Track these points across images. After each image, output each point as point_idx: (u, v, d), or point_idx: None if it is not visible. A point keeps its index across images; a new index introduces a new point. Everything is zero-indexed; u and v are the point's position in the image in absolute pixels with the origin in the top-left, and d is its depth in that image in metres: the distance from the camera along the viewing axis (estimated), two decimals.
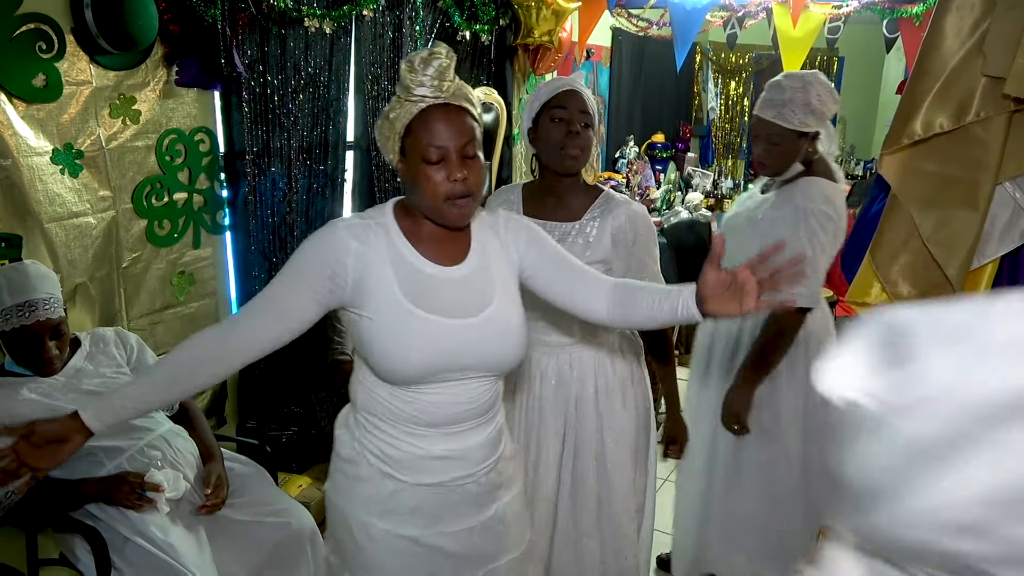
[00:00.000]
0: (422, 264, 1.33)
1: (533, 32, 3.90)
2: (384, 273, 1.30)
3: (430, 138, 1.24)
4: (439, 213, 1.29)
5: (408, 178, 1.30)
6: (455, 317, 1.31)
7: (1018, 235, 1.52)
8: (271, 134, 2.78)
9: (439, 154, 1.25)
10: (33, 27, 2.02)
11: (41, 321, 1.89)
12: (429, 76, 1.22)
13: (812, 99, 1.98)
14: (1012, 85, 1.38)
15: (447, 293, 1.33)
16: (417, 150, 1.25)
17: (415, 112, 1.25)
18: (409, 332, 1.28)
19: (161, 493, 1.86)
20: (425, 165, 1.25)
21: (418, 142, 1.25)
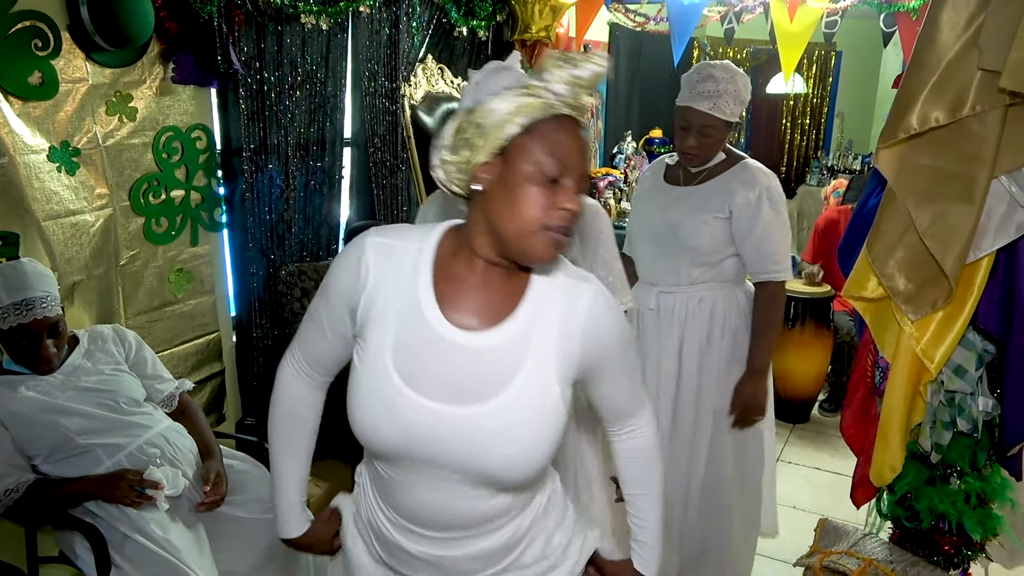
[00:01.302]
0: (435, 320, 1.05)
1: (530, 28, 3.90)
2: (386, 316, 1.07)
3: (556, 149, 1.00)
4: (524, 244, 1.02)
5: (494, 190, 1.02)
6: (450, 403, 1.04)
7: (1014, 229, 1.52)
8: (268, 131, 2.78)
9: (558, 171, 1.00)
10: (29, 24, 2.01)
11: (39, 319, 1.89)
12: (584, 77, 1.00)
13: (741, 89, 2.06)
14: (1007, 79, 1.38)
15: (454, 366, 1.05)
16: (529, 158, 0.99)
17: (549, 113, 1.00)
18: (382, 401, 1.05)
19: (160, 490, 1.86)
20: (532, 180, 0.99)
21: (536, 149, 0.99)
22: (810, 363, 4.05)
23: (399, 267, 1.08)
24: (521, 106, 1.00)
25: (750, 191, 2.07)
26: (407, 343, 1.06)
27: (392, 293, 1.07)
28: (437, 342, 1.05)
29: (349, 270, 1.09)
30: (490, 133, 1.00)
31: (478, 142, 1.01)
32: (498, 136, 1.00)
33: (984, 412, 1.70)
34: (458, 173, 1.05)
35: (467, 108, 1.04)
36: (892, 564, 1.81)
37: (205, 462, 2.06)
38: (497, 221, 1.02)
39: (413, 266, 1.08)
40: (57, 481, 1.86)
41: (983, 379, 1.71)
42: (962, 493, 1.79)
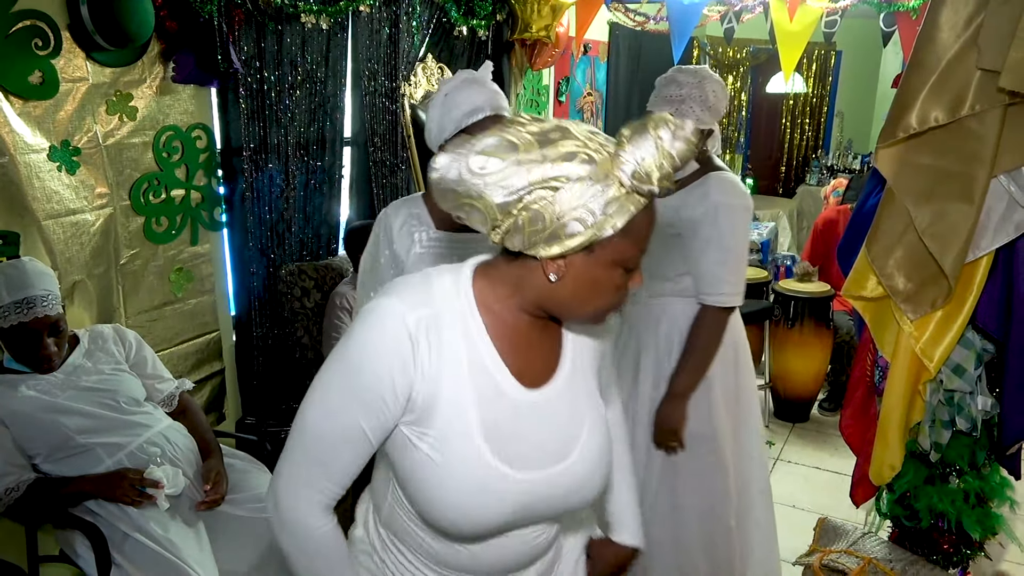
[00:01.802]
0: (511, 387, 0.98)
1: (530, 27, 3.90)
2: (461, 396, 0.96)
3: (642, 240, 0.92)
4: (586, 320, 1.01)
5: (573, 276, 0.92)
6: (538, 468, 1.00)
7: (1013, 228, 1.52)
8: (268, 130, 2.78)
9: (640, 260, 0.94)
10: (29, 24, 2.01)
11: (39, 318, 1.89)
12: (668, 167, 0.87)
13: (708, 95, 1.92)
14: (1006, 79, 1.38)
15: (536, 430, 1.00)
16: (619, 254, 0.91)
17: (640, 210, 0.88)
18: (481, 488, 0.96)
19: (160, 489, 1.86)
20: (615, 275, 0.93)
21: (628, 246, 0.91)
22: (810, 362, 4.06)
23: (452, 336, 0.96)
24: (609, 200, 0.86)
25: (698, 207, 1.93)
26: (493, 420, 0.97)
27: (458, 369, 0.95)
28: (519, 409, 0.99)
29: (396, 355, 0.93)
30: (582, 236, 0.87)
31: (562, 237, 0.87)
32: (591, 237, 0.87)
33: (983, 411, 1.70)
34: (514, 242, 0.90)
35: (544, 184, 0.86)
36: (891, 563, 1.81)
37: (205, 461, 2.06)
38: (554, 305, 0.96)
39: (465, 332, 0.96)
40: (58, 480, 1.86)
41: (982, 378, 1.71)
42: (961, 492, 1.79)
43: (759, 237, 5.41)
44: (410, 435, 0.97)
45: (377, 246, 1.75)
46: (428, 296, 0.97)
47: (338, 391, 0.97)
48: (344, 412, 0.96)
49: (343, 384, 0.96)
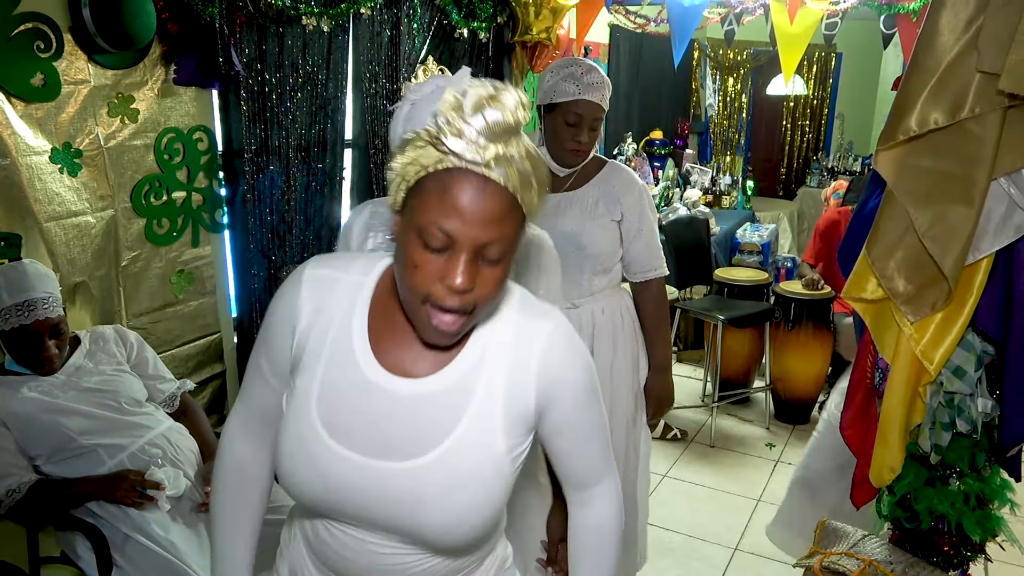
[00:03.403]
0: (367, 364, 0.96)
1: (531, 29, 3.90)
2: (317, 358, 0.97)
3: (439, 215, 0.84)
4: (412, 312, 0.92)
5: (398, 242, 0.92)
6: (378, 457, 0.94)
7: (1013, 230, 1.52)
8: (269, 132, 2.79)
9: (442, 242, 0.85)
10: (31, 26, 2.02)
11: (40, 320, 1.90)
12: (474, 128, 0.82)
13: (608, 81, 2.05)
14: (1006, 81, 1.38)
15: (384, 416, 0.95)
16: (416, 219, 0.86)
17: (436, 167, 0.85)
18: (304, 451, 0.95)
19: (162, 491, 1.87)
20: (415, 245, 0.87)
21: (422, 210, 0.86)
22: (810, 364, 4.06)
23: (336, 302, 0.97)
24: (412, 159, 0.86)
25: (633, 192, 2.10)
26: (335, 388, 0.95)
27: (325, 331, 0.96)
28: (368, 389, 0.95)
29: (285, 305, 0.99)
30: (394, 184, 0.90)
31: (391, 183, 0.91)
32: (397, 187, 0.89)
33: (983, 413, 1.70)
34: None
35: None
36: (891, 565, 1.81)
37: (206, 462, 2.07)
38: (397, 279, 0.92)
39: (350, 302, 0.97)
40: (59, 481, 1.86)
41: (982, 380, 1.71)
42: (961, 494, 1.79)
43: (759, 239, 5.41)
44: (285, 392, 1.02)
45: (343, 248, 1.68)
46: (344, 264, 1.02)
47: (256, 344, 1.07)
48: (256, 347, 1.06)
49: (258, 337, 1.07)
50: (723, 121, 7.38)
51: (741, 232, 5.52)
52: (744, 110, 7.49)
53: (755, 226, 5.68)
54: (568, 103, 2.01)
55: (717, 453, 3.87)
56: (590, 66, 2.02)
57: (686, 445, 3.92)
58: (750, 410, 4.38)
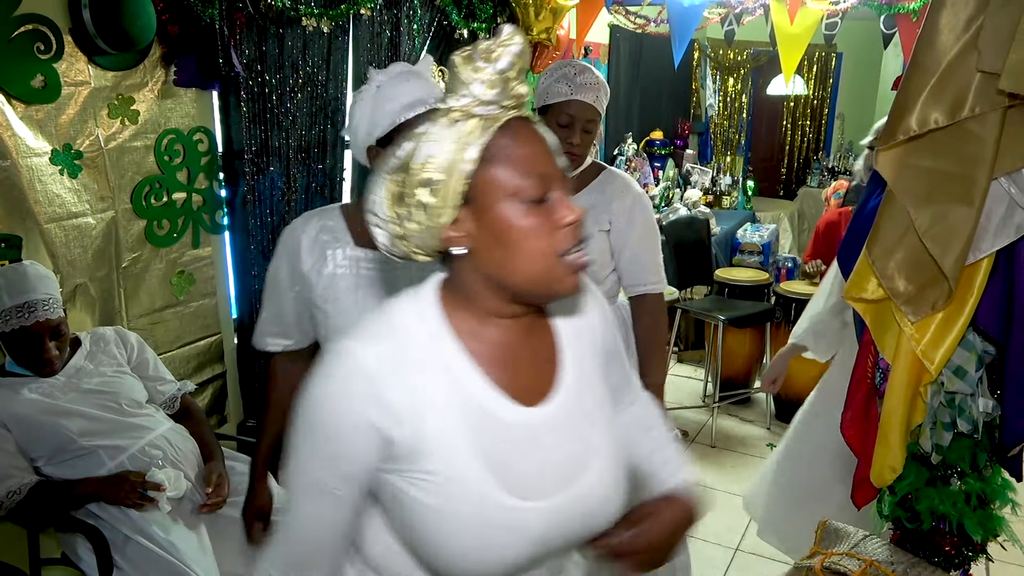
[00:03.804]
0: (498, 405, 0.87)
1: (531, 30, 3.90)
2: (448, 427, 0.84)
3: (530, 164, 0.82)
4: (546, 286, 0.85)
5: (481, 245, 0.84)
6: (552, 494, 0.87)
7: (1013, 230, 1.52)
8: (269, 133, 2.79)
9: (540, 188, 0.82)
10: (31, 28, 2.02)
11: (40, 322, 1.90)
12: (505, 68, 0.80)
13: (606, 85, 1.97)
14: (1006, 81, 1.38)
15: (536, 452, 0.88)
16: (502, 190, 0.81)
17: (493, 129, 0.81)
18: (496, 527, 0.84)
19: (162, 492, 1.87)
20: (518, 214, 0.81)
21: (509, 172, 0.81)
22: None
23: (425, 366, 0.85)
24: (461, 136, 0.80)
25: (625, 198, 1.98)
26: (490, 449, 0.85)
27: (440, 401, 0.84)
28: (518, 432, 0.87)
29: (359, 402, 0.83)
30: (443, 186, 0.80)
31: (433, 201, 0.81)
32: (455, 184, 0.81)
33: (984, 413, 1.70)
34: (422, 242, 0.85)
35: (396, 167, 0.83)
36: (893, 565, 1.81)
37: (207, 464, 2.07)
38: (503, 276, 0.84)
39: (440, 358, 0.85)
40: (60, 483, 1.86)
41: (983, 380, 1.71)
42: (963, 494, 1.79)
43: (760, 239, 5.41)
44: (399, 483, 0.85)
45: (278, 265, 1.53)
46: (388, 327, 0.87)
47: (307, 462, 0.87)
48: (319, 486, 0.86)
49: (311, 453, 0.86)
50: (723, 121, 7.38)
51: (741, 232, 5.52)
52: (744, 110, 7.49)
53: (755, 226, 5.68)
54: (560, 104, 1.95)
55: (718, 453, 3.87)
56: (584, 67, 1.97)
57: (687, 446, 3.92)
58: (751, 410, 4.38)
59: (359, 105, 1.42)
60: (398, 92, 1.39)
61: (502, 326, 0.89)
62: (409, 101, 1.38)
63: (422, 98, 1.38)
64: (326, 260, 1.43)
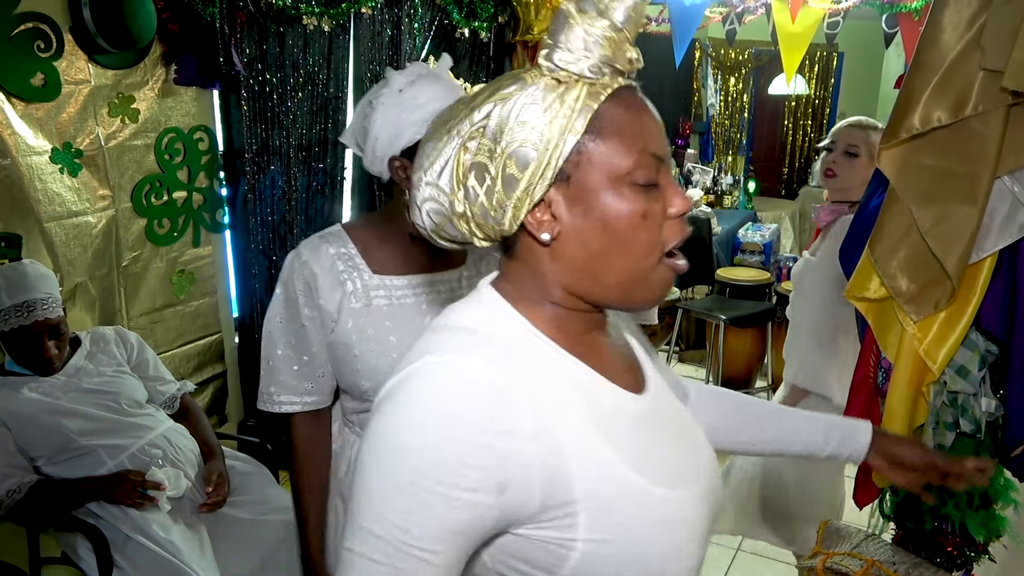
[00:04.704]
0: (621, 397, 0.76)
1: (532, 29, 3.89)
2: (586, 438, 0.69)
3: (643, 140, 0.69)
4: (645, 286, 0.73)
5: (571, 233, 0.71)
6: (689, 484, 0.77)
7: (1016, 229, 1.51)
8: (270, 132, 2.78)
9: (653, 170, 0.70)
10: (31, 26, 2.02)
11: (40, 321, 1.89)
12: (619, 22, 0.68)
13: None
14: (1010, 79, 1.37)
15: (661, 443, 0.78)
16: (609, 167, 0.68)
17: (604, 95, 0.68)
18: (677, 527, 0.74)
19: (162, 491, 1.86)
20: (625, 198, 0.69)
21: (613, 151, 0.68)
22: None
23: (538, 371, 0.70)
24: (566, 102, 0.67)
25: None
26: (630, 446, 0.72)
27: (566, 409, 0.70)
28: (647, 424, 0.77)
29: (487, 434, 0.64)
30: (536, 159, 0.67)
31: (520, 176, 0.67)
32: (551, 159, 0.67)
33: (987, 413, 1.69)
34: (489, 224, 0.71)
35: (473, 131, 0.69)
36: (895, 565, 1.80)
37: (207, 463, 2.06)
38: (593, 271, 0.71)
39: (543, 359, 0.72)
40: (59, 482, 1.86)
41: (986, 380, 1.70)
42: (965, 494, 1.78)
43: (761, 239, 5.40)
44: (553, 534, 0.67)
45: (293, 307, 1.27)
46: (472, 337, 0.71)
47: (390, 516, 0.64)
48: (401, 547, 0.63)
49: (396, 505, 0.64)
50: (724, 121, 7.37)
51: (743, 232, 5.51)
52: (746, 110, 7.48)
53: (757, 226, 5.67)
54: None
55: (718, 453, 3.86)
56: None
57: None
58: None
59: (380, 111, 1.22)
60: (425, 98, 1.20)
61: (578, 319, 0.76)
62: (439, 107, 1.19)
63: None
64: (347, 294, 1.24)
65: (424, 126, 1.17)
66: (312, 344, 1.27)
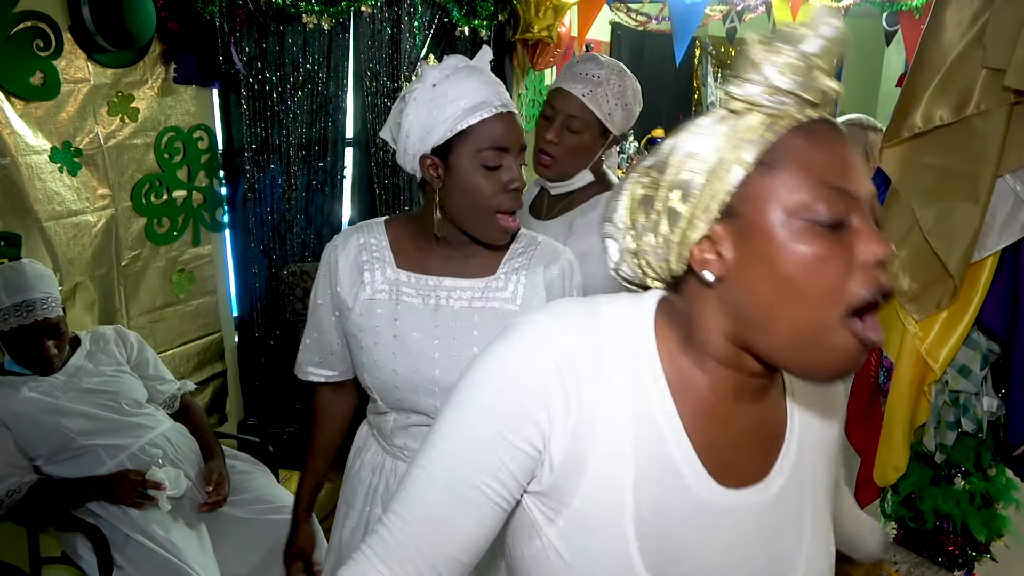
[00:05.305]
0: (690, 470, 0.67)
1: (532, 27, 3.89)
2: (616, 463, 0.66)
3: (823, 174, 0.61)
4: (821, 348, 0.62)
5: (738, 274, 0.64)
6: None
7: (1019, 228, 1.51)
8: (270, 131, 2.78)
9: (840, 210, 0.61)
10: (30, 25, 2.01)
11: (39, 321, 1.89)
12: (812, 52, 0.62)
13: (627, 91, 1.63)
14: (1012, 77, 1.37)
15: (717, 546, 0.68)
16: (783, 208, 0.61)
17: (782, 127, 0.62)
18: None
19: (163, 491, 1.86)
20: (802, 241, 0.60)
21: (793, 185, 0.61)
22: None
23: (617, 380, 0.67)
24: (737, 131, 0.62)
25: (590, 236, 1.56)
26: (656, 517, 0.65)
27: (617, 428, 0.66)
28: (702, 514, 0.67)
29: (532, 386, 0.66)
30: (702, 191, 0.63)
31: (684, 209, 0.63)
32: (717, 191, 0.62)
33: (989, 412, 1.69)
34: (658, 262, 0.68)
35: (649, 165, 0.68)
36: (896, 564, 1.80)
37: (207, 462, 2.06)
38: (758, 319, 0.63)
39: (636, 381, 0.67)
40: (60, 482, 1.86)
41: (988, 379, 1.70)
42: (966, 493, 1.78)
43: None
44: (536, 513, 0.68)
45: (316, 287, 1.33)
46: (592, 322, 0.69)
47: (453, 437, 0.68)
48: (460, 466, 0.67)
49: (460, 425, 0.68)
50: None
51: None
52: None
53: None
54: (550, 92, 1.66)
55: None
56: (590, 56, 1.67)
57: None
58: None
59: (412, 107, 1.17)
60: (459, 92, 1.15)
61: (724, 379, 0.68)
62: (472, 104, 1.14)
63: (486, 100, 1.15)
64: (364, 283, 1.24)
65: (455, 123, 1.13)
66: (322, 323, 1.31)
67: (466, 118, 1.14)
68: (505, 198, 1.16)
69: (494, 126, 1.14)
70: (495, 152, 1.14)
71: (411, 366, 1.19)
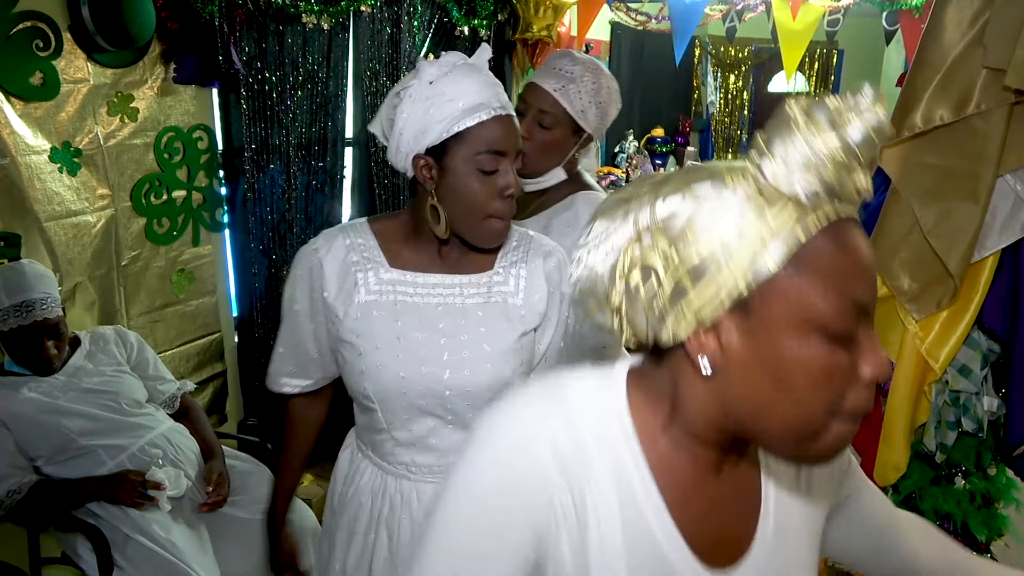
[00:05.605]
0: (680, 558, 0.67)
1: (532, 27, 3.89)
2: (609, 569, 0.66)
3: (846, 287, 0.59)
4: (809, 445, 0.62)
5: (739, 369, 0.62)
6: None
7: (1019, 227, 1.51)
8: (270, 131, 2.78)
9: (855, 322, 0.60)
10: (30, 25, 2.01)
11: (39, 321, 1.89)
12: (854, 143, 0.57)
13: (602, 90, 1.61)
14: (1012, 77, 1.37)
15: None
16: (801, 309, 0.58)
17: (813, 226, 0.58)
18: None
19: (163, 491, 1.86)
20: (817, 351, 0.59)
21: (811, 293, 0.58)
22: None
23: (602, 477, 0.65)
24: (767, 222, 0.58)
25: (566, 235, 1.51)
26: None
27: (607, 531, 0.65)
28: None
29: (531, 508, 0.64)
30: (716, 279, 0.59)
31: (692, 294, 0.59)
32: (735, 284, 0.58)
33: (989, 412, 1.69)
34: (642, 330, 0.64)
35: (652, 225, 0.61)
36: None
37: (207, 463, 2.06)
38: (751, 415, 0.62)
39: (617, 474, 0.66)
40: (60, 482, 1.86)
41: (988, 379, 1.70)
42: (967, 493, 1.78)
43: None
44: None
45: (290, 291, 1.26)
46: (565, 410, 0.67)
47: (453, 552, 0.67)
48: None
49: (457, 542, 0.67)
50: (724, 118, 7.36)
51: None
52: (746, 107, 7.47)
53: None
54: (524, 88, 1.64)
55: None
56: (566, 53, 1.65)
57: None
58: None
59: (407, 104, 1.12)
60: (457, 91, 1.11)
61: (700, 457, 0.67)
62: (470, 104, 1.10)
63: (485, 101, 1.11)
64: (357, 286, 1.19)
65: (451, 124, 1.10)
66: (299, 330, 1.26)
67: (463, 119, 1.10)
68: (500, 204, 1.13)
69: (492, 129, 1.11)
70: (492, 156, 1.11)
71: (418, 368, 1.14)
